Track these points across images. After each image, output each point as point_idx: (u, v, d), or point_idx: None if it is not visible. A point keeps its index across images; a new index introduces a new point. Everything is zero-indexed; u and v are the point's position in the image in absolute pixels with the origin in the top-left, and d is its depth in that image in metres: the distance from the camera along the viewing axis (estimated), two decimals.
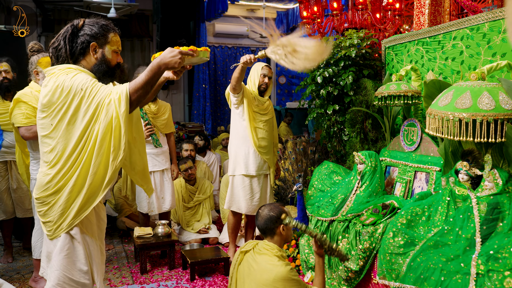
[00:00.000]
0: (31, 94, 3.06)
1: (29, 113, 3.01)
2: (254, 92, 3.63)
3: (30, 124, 3.00)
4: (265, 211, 2.30)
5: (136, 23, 8.53)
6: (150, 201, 3.96)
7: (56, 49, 1.85)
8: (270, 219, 2.27)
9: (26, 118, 3.01)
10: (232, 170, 3.65)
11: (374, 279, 2.68)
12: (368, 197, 3.02)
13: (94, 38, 1.86)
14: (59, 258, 1.82)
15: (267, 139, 3.62)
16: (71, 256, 1.83)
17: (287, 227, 2.28)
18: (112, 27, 1.94)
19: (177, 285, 3.34)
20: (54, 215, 1.81)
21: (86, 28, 1.87)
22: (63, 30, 1.88)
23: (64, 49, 1.83)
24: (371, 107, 3.79)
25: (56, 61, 1.86)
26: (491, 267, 1.97)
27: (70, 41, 1.84)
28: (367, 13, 4.41)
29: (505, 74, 2.67)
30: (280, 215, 2.27)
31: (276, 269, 2.13)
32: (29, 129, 3.00)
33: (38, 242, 3.06)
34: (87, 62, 1.87)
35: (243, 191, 3.59)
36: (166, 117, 4.05)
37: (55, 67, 1.83)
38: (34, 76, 3.14)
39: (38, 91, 3.05)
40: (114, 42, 1.92)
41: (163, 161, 4.01)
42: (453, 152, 2.62)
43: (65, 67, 1.81)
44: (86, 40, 1.85)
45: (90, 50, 1.86)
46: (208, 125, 9.23)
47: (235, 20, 9.63)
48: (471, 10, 3.50)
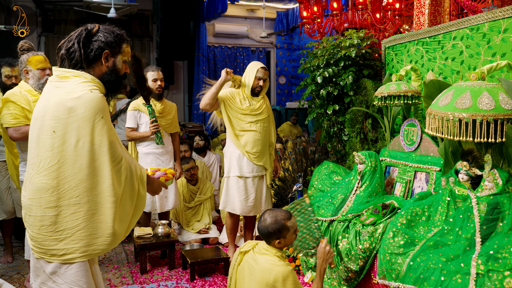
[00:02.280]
0: (20, 94, 2.95)
1: (17, 113, 2.91)
2: (246, 94, 3.57)
3: (18, 124, 2.90)
4: (267, 221, 2.24)
5: (136, 23, 8.54)
6: (153, 200, 3.97)
7: (68, 51, 1.79)
8: (267, 233, 2.23)
9: (15, 118, 2.91)
10: (227, 171, 3.65)
11: (374, 279, 2.68)
12: (368, 197, 3.02)
13: (108, 46, 1.82)
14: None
15: (259, 140, 3.54)
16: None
17: (284, 242, 2.25)
18: (125, 38, 1.90)
19: (177, 285, 3.34)
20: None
21: (101, 35, 1.82)
22: (75, 32, 1.83)
23: (79, 53, 1.78)
24: (371, 107, 3.79)
25: (69, 63, 1.80)
26: (491, 267, 1.97)
27: (84, 45, 1.79)
28: (367, 13, 4.42)
29: (505, 74, 2.67)
30: (278, 232, 2.21)
31: (277, 268, 2.13)
32: (18, 130, 2.90)
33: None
34: (100, 69, 1.83)
35: (238, 192, 3.58)
36: (171, 116, 4.05)
37: (70, 71, 1.78)
38: (24, 75, 3.05)
39: (27, 90, 2.98)
40: (126, 53, 1.90)
41: (167, 161, 4.01)
42: (453, 152, 2.62)
43: (83, 78, 1.76)
44: (100, 47, 1.81)
45: (102, 58, 1.82)
46: (208, 125, 9.22)
47: (235, 20, 9.64)
48: (471, 10, 3.50)
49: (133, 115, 3.94)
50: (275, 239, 2.23)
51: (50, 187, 1.68)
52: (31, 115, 2.89)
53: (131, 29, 8.41)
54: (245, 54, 9.95)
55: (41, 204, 1.70)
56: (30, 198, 1.74)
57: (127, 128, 3.97)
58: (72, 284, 1.74)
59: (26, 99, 2.95)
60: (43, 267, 1.76)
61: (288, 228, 2.24)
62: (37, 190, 1.71)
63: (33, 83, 3.01)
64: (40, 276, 1.78)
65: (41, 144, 1.72)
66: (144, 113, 3.90)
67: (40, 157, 1.71)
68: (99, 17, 7.09)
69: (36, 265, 1.79)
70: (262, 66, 3.57)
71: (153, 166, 3.90)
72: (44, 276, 1.76)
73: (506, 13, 2.69)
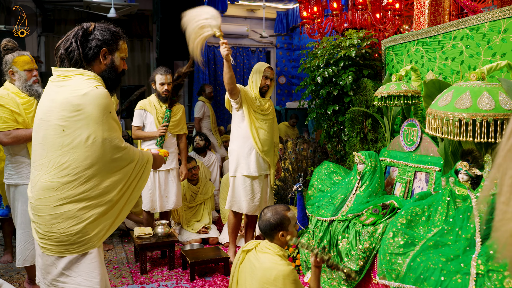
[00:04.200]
0: (8, 96, 2.82)
1: (7, 117, 2.80)
2: (255, 93, 3.63)
3: (8, 129, 2.80)
4: (267, 215, 2.29)
5: (136, 23, 8.54)
6: (153, 199, 3.97)
7: (67, 50, 1.81)
8: (270, 226, 2.26)
9: (4, 122, 2.80)
10: (234, 171, 3.65)
11: (374, 279, 2.68)
12: (368, 197, 3.02)
13: (106, 44, 1.85)
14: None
15: (268, 139, 3.63)
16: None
17: (286, 234, 2.27)
18: (121, 35, 1.93)
19: (177, 285, 3.34)
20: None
21: (97, 33, 1.85)
22: (72, 32, 1.85)
23: (78, 52, 1.80)
24: (371, 107, 3.79)
25: (69, 62, 1.82)
26: (491, 267, 1.98)
27: (82, 43, 1.81)
28: (367, 13, 4.42)
29: (505, 74, 2.67)
30: (280, 223, 2.25)
31: (278, 267, 2.14)
32: (8, 134, 2.80)
33: (17, 249, 2.97)
34: (99, 67, 1.86)
35: (244, 192, 3.60)
36: (178, 118, 4.04)
37: (72, 70, 1.79)
38: (9, 77, 2.94)
39: (14, 93, 2.88)
40: (123, 49, 1.93)
41: (168, 161, 4.01)
42: (453, 152, 2.62)
43: (86, 76, 1.78)
44: (98, 45, 1.83)
45: (100, 56, 1.84)
46: None
47: (235, 20, 9.63)
48: (471, 10, 3.50)
49: (139, 114, 3.98)
50: (278, 231, 2.25)
51: (60, 184, 1.71)
52: (20, 118, 2.85)
53: (131, 29, 8.40)
54: (245, 54, 9.95)
55: (50, 203, 1.72)
56: (38, 199, 1.75)
57: (133, 126, 4.01)
58: (86, 276, 1.77)
59: (15, 102, 2.85)
60: (54, 264, 1.78)
61: (289, 219, 2.28)
62: (45, 189, 1.72)
63: (19, 85, 2.91)
64: (50, 273, 1.79)
65: (48, 145, 1.73)
66: (150, 113, 3.94)
67: (48, 157, 1.73)
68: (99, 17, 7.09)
69: (45, 263, 1.81)
70: (268, 66, 3.66)
71: None
72: (56, 272, 1.78)
73: (506, 13, 2.69)
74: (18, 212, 2.96)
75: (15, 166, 2.94)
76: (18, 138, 2.84)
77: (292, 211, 2.35)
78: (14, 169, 2.94)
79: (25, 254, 2.95)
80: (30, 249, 2.94)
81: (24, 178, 2.92)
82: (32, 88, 2.94)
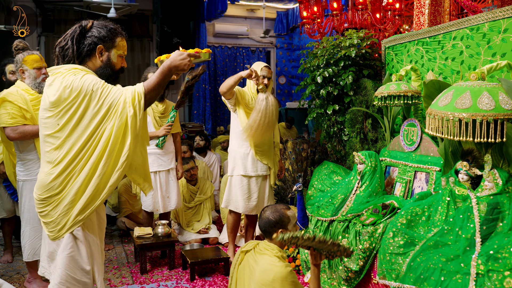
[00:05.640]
0: (17, 93, 2.97)
1: (15, 112, 2.93)
2: (253, 93, 3.62)
3: (16, 124, 2.92)
4: (266, 213, 2.29)
5: (136, 23, 8.53)
6: (156, 200, 3.97)
7: (62, 49, 1.85)
8: (269, 223, 2.26)
9: (12, 118, 2.92)
10: (231, 170, 3.65)
11: (374, 279, 2.68)
12: (368, 197, 3.02)
13: (102, 41, 1.86)
14: (62, 257, 1.83)
15: (265, 140, 3.58)
16: (74, 256, 1.84)
17: (285, 233, 2.26)
18: (120, 32, 1.94)
19: (177, 285, 3.34)
20: (57, 215, 1.81)
21: (95, 30, 1.87)
22: (70, 30, 1.87)
23: (71, 49, 1.83)
24: (371, 107, 3.79)
25: (62, 60, 1.85)
26: (491, 267, 1.97)
27: (78, 41, 1.84)
28: (367, 13, 4.42)
29: (505, 74, 2.67)
30: (279, 220, 2.25)
31: (276, 269, 2.13)
32: (15, 130, 2.92)
33: (26, 244, 3.02)
34: (93, 64, 1.88)
35: (241, 191, 3.59)
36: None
37: (60, 67, 1.82)
38: (20, 75, 3.07)
39: (24, 90, 3.00)
40: (120, 46, 1.93)
41: (168, 161, 4.02)
42: (453, 152, 2.62)
43: (71, 67, 1.81)
44: (94, 42, 1.85)
45: (96, 53, 1.86)
46: (208, 125, 9.23)
47: (235, 20, 9.64)
48: (471, 10, 3.50)
49: None
50: (277, 229, 2.25)
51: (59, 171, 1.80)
52: (28, 114, 2.95)
53: (131, 29, 8.40)
54: (245, 54, 9.95)
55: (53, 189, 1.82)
56: (39, 194, 1.85)
57: None
58: (68, 253, 1.85)
59: (23, 99, 2.96)
60: (59, 246, 1.85)
61: (289, 217, 2.28)
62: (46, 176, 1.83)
63: (29, 82, 3.03)
64: (56, 258, 1.87)
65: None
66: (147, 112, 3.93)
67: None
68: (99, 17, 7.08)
69: (50, 250, 1.88)
70: (265, 65, 3.63)
71: (154, 167, 3.91)
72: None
73: (506, 13, 2.69)
74: (25, 208, 3.02)
75: (24, 163, 3.03)
76: (25, 134, 2.94)
77: (292, 211, 2.35)
78: (23, 165, 3.03)
79: (35, 249, 3.02)
80: (40, 243, 2.98)
81: (32, 174, 2.99)
82: (41, 86, 3.04)
